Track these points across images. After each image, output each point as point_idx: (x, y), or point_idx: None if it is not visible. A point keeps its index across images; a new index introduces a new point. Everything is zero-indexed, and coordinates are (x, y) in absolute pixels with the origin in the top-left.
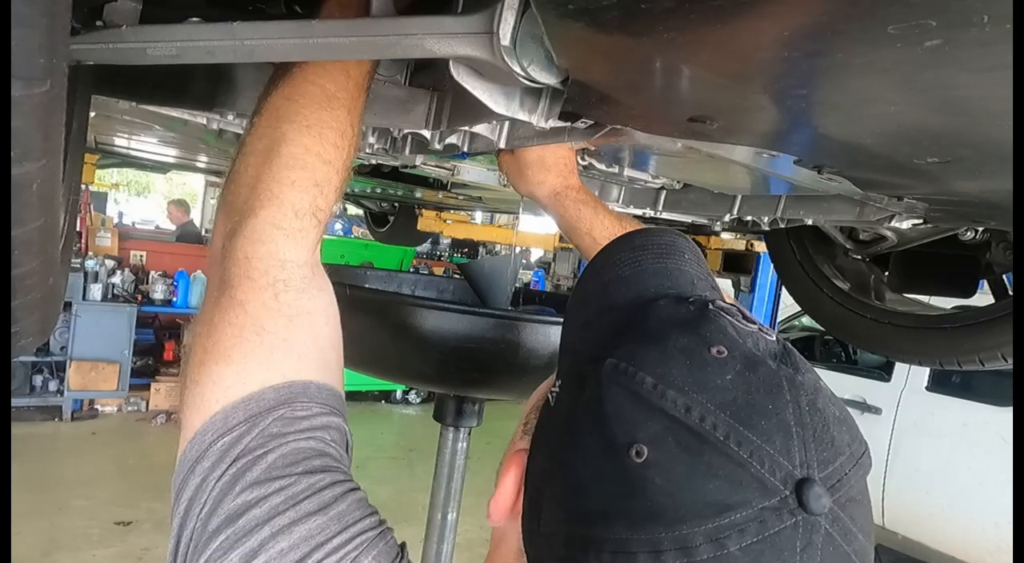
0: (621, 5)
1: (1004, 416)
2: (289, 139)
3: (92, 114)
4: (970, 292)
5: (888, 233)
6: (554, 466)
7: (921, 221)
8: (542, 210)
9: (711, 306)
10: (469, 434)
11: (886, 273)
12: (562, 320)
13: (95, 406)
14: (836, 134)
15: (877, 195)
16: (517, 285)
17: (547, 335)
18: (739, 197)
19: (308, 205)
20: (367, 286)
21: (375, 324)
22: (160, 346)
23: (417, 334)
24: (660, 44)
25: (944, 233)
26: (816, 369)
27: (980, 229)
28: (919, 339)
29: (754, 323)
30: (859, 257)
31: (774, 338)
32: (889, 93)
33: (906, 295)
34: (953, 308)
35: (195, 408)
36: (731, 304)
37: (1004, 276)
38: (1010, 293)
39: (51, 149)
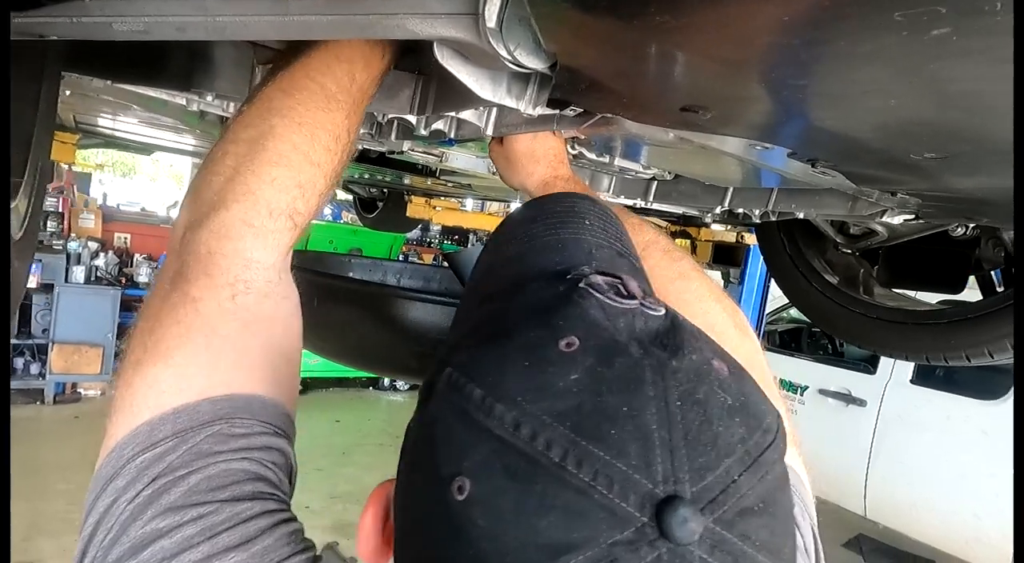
0: None
1: (986, 410)
2: (278, 134)
3: (67, 93)
4: (959, 288)
5: (879, 228)
6: (397, 502)
7: (913, 217)
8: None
9: (581, 284)
10: None
11: (875, 268)
12: None
13: (78, 389)
14: (833, 127)
15: (870, 190)
16: None
17: None
18: (730, 189)
19: (286, 206)
20: (351, 276)
21: (358, 315)
22: None
23: (400, 326)
24: (652, 28)
25: (935, 229)
26: (802, 361)
27: (970, 226)
28: (907, 334)
29: (634, 297)
30: (849, 251)
31: (661, 312)
32: (891, 85)
33: (894, 290)
34: (939, 303)
35: (121, 415)
36: (612, 277)
37: (992, 272)
38: (998, 289)
39: None
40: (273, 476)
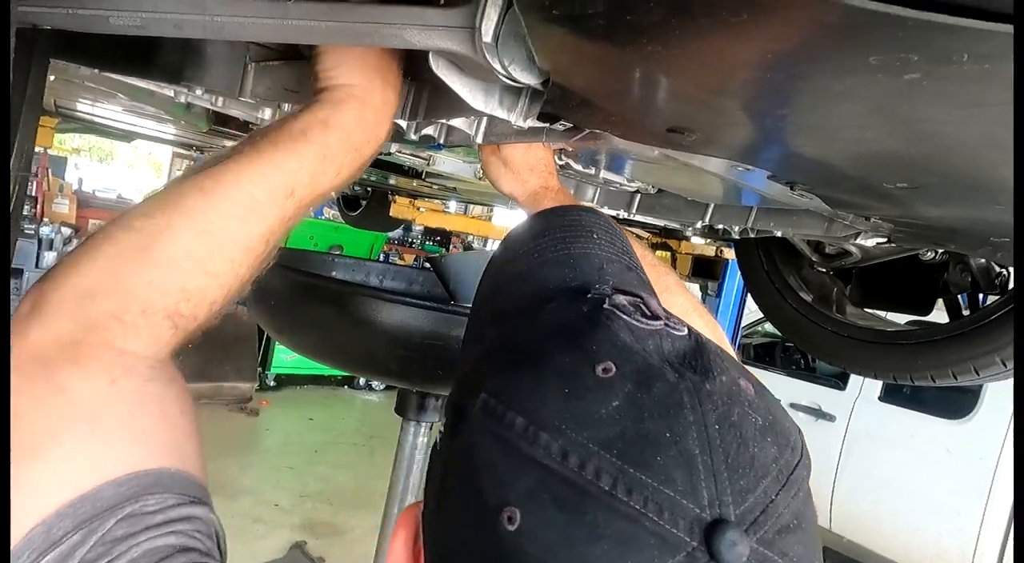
0: (606, 15)
1: (950, 429)
2: (175, 235)
3: (51, 78)
4: (926, 310)
5: (853, 249)
6: (432, 531)
7: (885, 240)
8: (521, 209)
9: (606, 304)
10: (431, 429)
11: (848, 287)
12: None
13: None
14: (811, 154)
15: (845, 213)
16: None
17: None
18: (712, 205)
19: (163, 308)
20: (332, 275)
21: (339, 316)
22: None
23: (382, 328)
24: (643, 55)
25: (906, 253)
26: (775, 375)
27: (939, 251)
28: (876, 353)
29: (658, 317)
30: (824, 270)
31: (684, 331)
32: (865, 120)
33: (866, 310)
34: (907, 324)
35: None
36: (632, 296)
37: (959, 296)
38: (964, 313)
39: None
40: (201, 545)
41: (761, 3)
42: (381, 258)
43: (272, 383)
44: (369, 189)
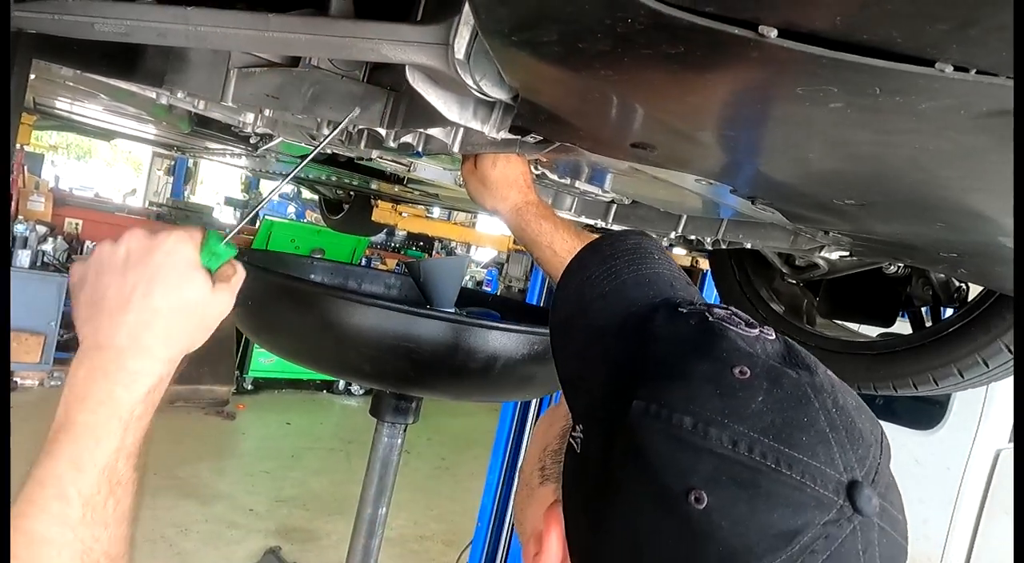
0: (560, 42)
1: (919, 439)
2: None
3: (31, 76)
4: (890, 322)
5: (820, 261)
6: (603, 521)
7: (848, 253)
8: (504, 223)
9: (711, 318)
10: (405, 430)
11: (817, 298)
12: (501, 328)
13: (14, 379)
14: (765, 171)
15: (805, 227)
16: (467, 284)
17: (485, 339)
18: (684, 217)
19: None
20: (311, 278)
21: (312, 317)
22: None
23: (355, 331)
24: (597, 79)
25: (870, 265)
26: None
27: (903, 265)
28: (841, 363)
29: (754, 326)
30: (794, 282)
31: (774, 336)
32: (805, 142)
33: (835, 321)
34: (878, 335)
35: None
36: (725, 309)
37: (922, 309)
38: (926, 325)
39: None
40: None
41: (693, 38)
42: (363, 263)
43: (250, 387)
44: (352, 193)
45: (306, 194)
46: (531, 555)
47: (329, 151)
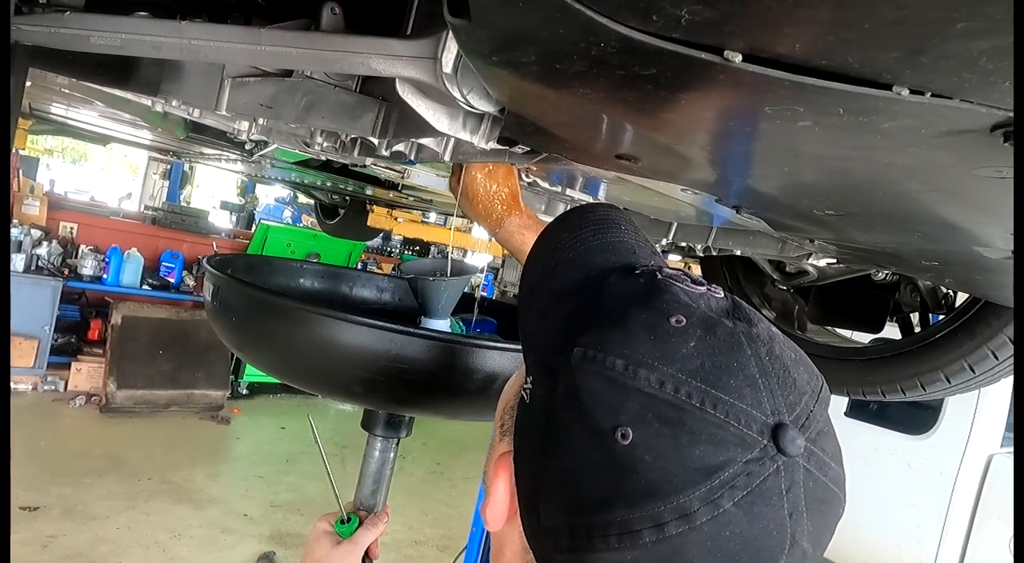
0: (539, 63)
1: (912, 444)
2: None
3: (28, 83)
4: (878, 328)
5: (809, 268)
6: (543, 463)
7: (835, 260)
8: (491, 235)
9: (659, 275)
10: (398, 444)
11: (808, 304)
12: (500, 347)
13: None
14: (744, 182)
15: (789, 235)
16: (466, 289)
17: (483, 359)
18: (675, 224)
19: None
20: (300, 283)
21: (297, 335)
22: (85, 324)
23: (342, 351)
24: (577, 96)
25: (858, 272)
26: None
27: (891, 272)
28: (831, 369)
29: (701, 284)
30: (784, 288)
31: (722, 294)
32: (779, 157)
33: (826, 327)
34: (869, 342)
35: None
36: (676, 269)
37: (910, 315)
38: (915, 331)
39: None
40: None
41: (663, 61)
42: (359, 267)
43: (244, 391)
44: (347, 198)
45: (302, 198)
46: (485, 505)
47: (324, 157)
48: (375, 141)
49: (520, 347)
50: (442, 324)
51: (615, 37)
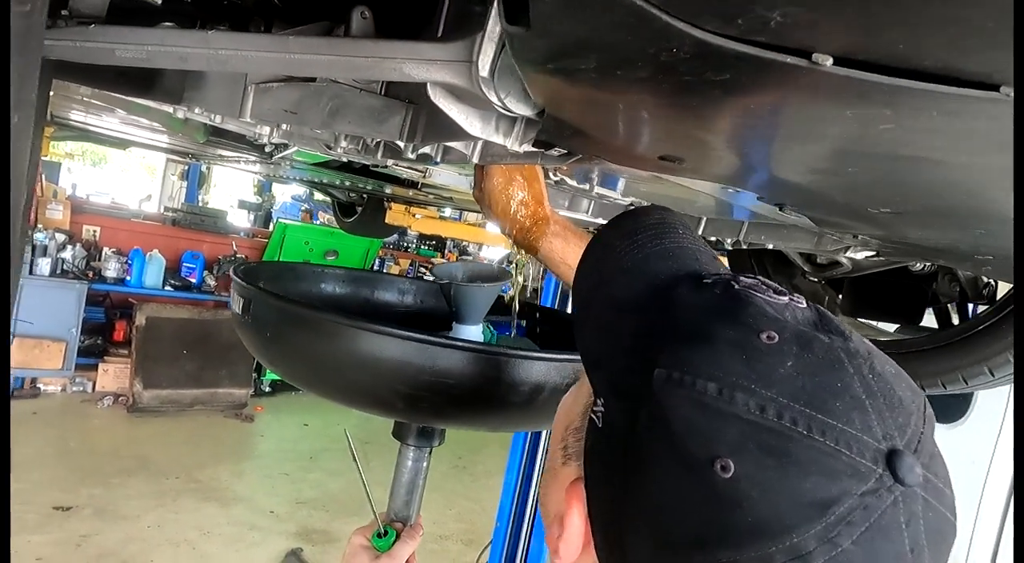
0: (598, 70)
1: (943, 433)
2: None
3: (50, 92)
4: (917, 319)
5: (843, 260)
6: (626, 494)
7: (874, 254)
8: (522, 248)
9: (736, 285)
10: (430, 453)
11: (840, 296)
12: (548, 358)
13: (37, 385)
14: (798, 183)
15: (832, 231)
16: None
17: (537, 370)
18: (704, 219)
19: None
20: (323, 289)
21: (337, 351)
22: (110, 325)
23: (382, 365)
24: (632, 101)
25: (895, 264)
26: None
27: (928, 263)
28: None
29: (783, 294)
30: (815, 280)
31: (805, 304)
32: (847, 159)
33: (858, 319)
34: (895, 332)
35: None
36: (752, 277)
37: (948, 306)
38: (954, 323)
39: None
40: None
41: (740, 66)
42: (376, 264)
43: (267, 389)
44: (364, 196)
45: (319, 196)
46: (554, 537)
47: (345, 159)
48: (401, 144)
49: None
50: (475, 330)
51: (690, 42)
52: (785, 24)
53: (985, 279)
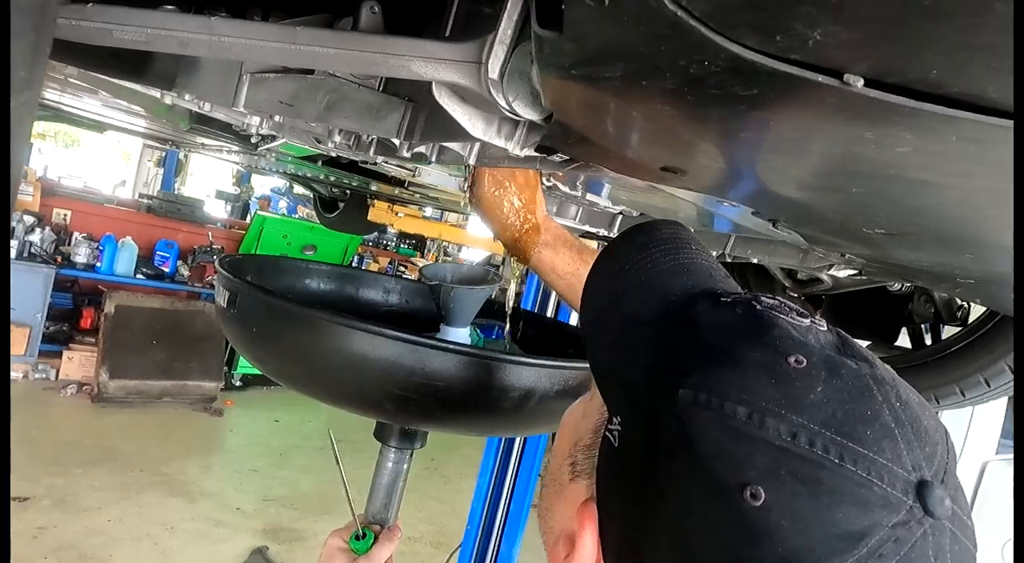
0: (623, 78)
1: None
2: None
3: None
4: (892, 339)
5: (825, 277)
6: (646, 517)
7: (857, 272)
8: (507, 250)
9: (758, 305)
10: (411, 455)
11: (818, 313)
12: (546, 364)
13: None
14: (797, 200)
15: (821, 249)
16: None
17: (521, 375)
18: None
19: None
20: (308, 285)
21: (325, 349)
22: (77, 312)
23: (373, 365)
24: (652, 111)
25: (875, 283)
26: None
27: (907, 283)
28: None
29: (805, 315)
30: (795, 295)
31: (826, 326)
32: (854, 180)
33: None
34: (889, 350)
35: None
36: (773, 298)
37: (923, 326)
38: (926, 343)
39: None
40: None
41: (770, 82)
42: (355, 261)
43: (238, 383)
44: (348, 192)
45: (299, 190)
46: (561, 556)
47: (335, 155)
48: (396, 142)
49: (566, 365)
50: (463, 332)
51: (724, 56)
52: (823, 43)
53: (959, 301)
